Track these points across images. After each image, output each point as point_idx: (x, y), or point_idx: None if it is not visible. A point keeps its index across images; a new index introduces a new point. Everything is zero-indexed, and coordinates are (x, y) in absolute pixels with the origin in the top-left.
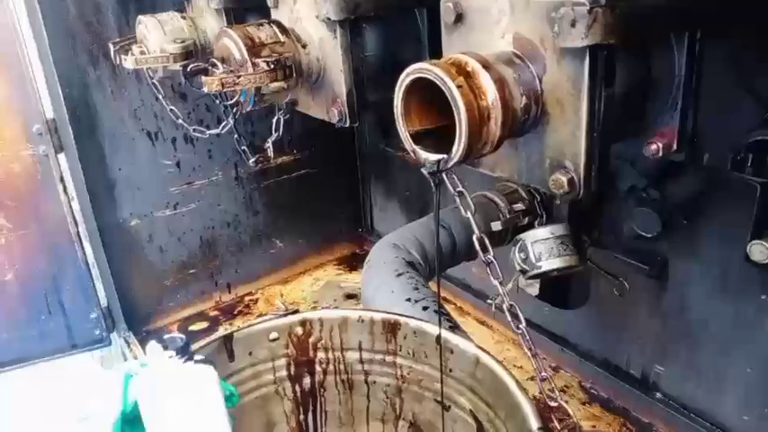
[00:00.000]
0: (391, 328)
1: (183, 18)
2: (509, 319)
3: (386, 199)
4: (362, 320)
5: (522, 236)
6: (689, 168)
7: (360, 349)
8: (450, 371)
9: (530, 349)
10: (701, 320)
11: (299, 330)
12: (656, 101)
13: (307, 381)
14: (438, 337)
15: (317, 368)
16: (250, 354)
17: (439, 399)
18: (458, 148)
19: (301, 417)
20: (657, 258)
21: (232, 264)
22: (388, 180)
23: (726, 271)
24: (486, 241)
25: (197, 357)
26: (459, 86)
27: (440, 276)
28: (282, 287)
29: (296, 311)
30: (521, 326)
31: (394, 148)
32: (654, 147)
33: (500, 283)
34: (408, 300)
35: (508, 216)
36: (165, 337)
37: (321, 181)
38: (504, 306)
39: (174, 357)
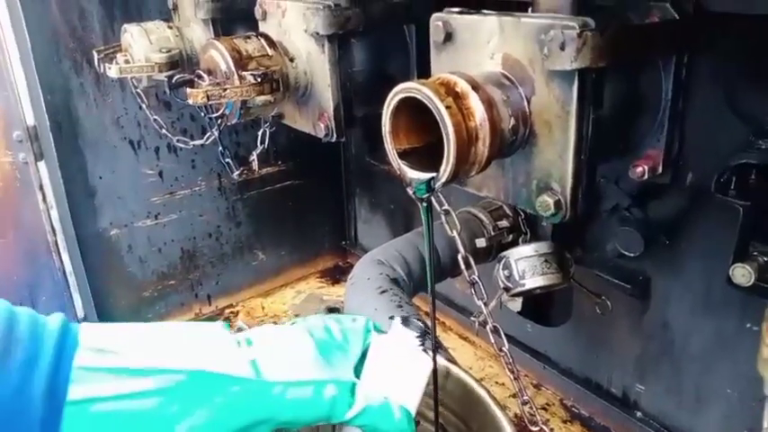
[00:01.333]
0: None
1: (170, 28)
2: (492, 340)
3: (370, 212)
4: None
5: (506, 253)
6: (673, 189)
7: None
8: None
9: (512, 371)
10: (683, 340)
11: None
12: (643, 124)
13: None
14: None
15: None
16: None
17: None
18: (446, 169)
19: None
20: (640, 278)
21: (213, 275)
22: (372, 193)
23: (708, 292)
24: (471, 261)
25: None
26: (447, 107)
27: (434, 309)
28: (264, 299)
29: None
30: (504, 348)
31: (379, 162)
32: (640, 169)
33: (484, 304)
34: (392, 318)
35: (493, 233)
36: (411, 317)
37: (305, 193)
38: (488, 327)
39: (416, 338)
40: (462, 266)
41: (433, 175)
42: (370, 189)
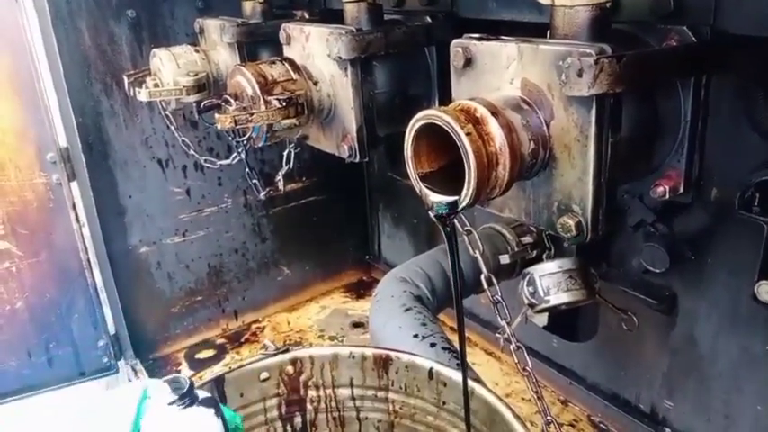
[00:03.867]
0: (383, 363)
1: (197, 51)
2: (516, 360)
3: (393, 226)
4: (353, 356)
5: (530, 269)
6: (697, 205)
7: (351, 386)
8: (444, 404)
9: (535, 392)
10: (711, 356)
11: (290, 369)
12: (663, 145)
13: (298, 420)
14: (430, 371)
15: (309, 406)
16: (241, 395)
17: None
18: (467, 193)
19: None
20: (666, 293)
21: (239, 291)
22: (395, 208)
23: (734, 308)
24: (494, 280)
25: (201, 395)
26: (468, 134)
27: (462, 335)
28: (289, 314)
29: (286, 350)
30: (527, 367)
31: (402, 177)
32: (660, 189)
33: (507, 324)
34: (416, 336)
35: (516, 249)
36: (170, 377)
37: (329, 208)
38: (512, 347)
39: (177, 402)
40: (485, 286)
41: (455, 198)
42: (393, 204)
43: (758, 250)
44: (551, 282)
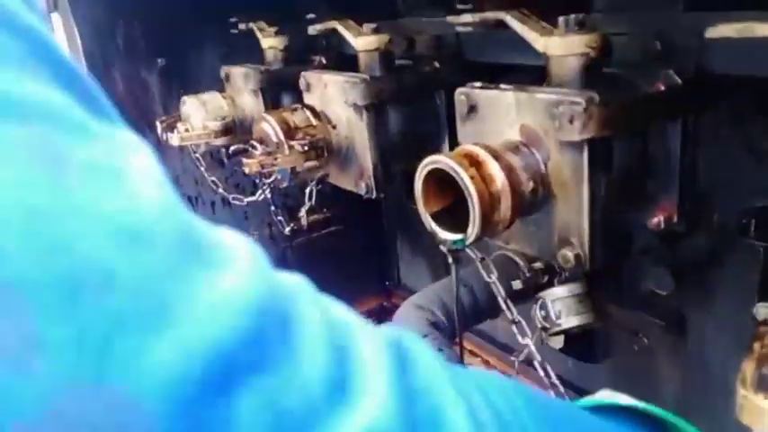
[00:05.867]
0: None
1: (224, 97)
2: (542, 374)
3: (411, 253)
4: None
5: (542, 294)
6: (699, 231)
7: None
8: None
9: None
10: (722, 377)
11: None
12: (655, 179)
13: None
14: None
15: None
16: None
17: None
18: (472, 230)
19: None
20: (675, 314)
21: None
22: (413, 235)
23: (740, 330)
24: (510, 304)
25: None
26: (471, 177)
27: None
28: None
29: None
30: (552, 380)
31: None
32: (655, 220)
33: (530, 340)
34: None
35: (528, 275)
36: None
37: (349, 237)
38: (536, 362)
39: None
40: (504, 308)
41: (462, 236)
42: (410, 231)
43: (757, 273)
44: (562, 306)
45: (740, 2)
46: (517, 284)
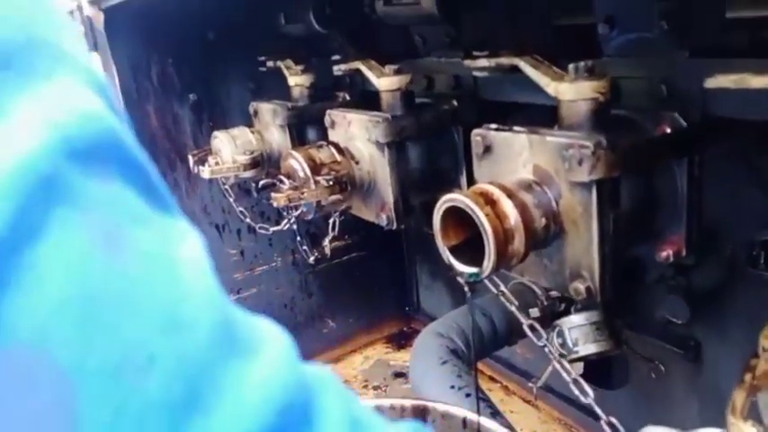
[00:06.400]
0: (420, 413)
1: (252, 132)
2: (577, 392)
3: (431, 278)
4: (394, 408)
5: (558, 322)
6: (711, 261)
7: None
8: None
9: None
10: None
11: None
12: (662, 214)
13: None
14: (464, 420)
15: None
16: None
17: None
18: (488, 264)
19: None
20: (691, 342)
21: None
22: (432, 261)
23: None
24: (537, 325)
25: None
26: (486, 215)
27: (477, 381)
28: (335, 365)
29: None
30: (588, 398)
31: None
32: (664, 254)
33: (562, 358)
34: (452, 387)
35: (545, 303)
36: None
37: (370, 263)
38: (571, 378)
39: None
40: (530, 334)
41: (477, 270)
42: (429, 257)
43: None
44: (579, 334)
45: (741, 50)
46: (534, 312)
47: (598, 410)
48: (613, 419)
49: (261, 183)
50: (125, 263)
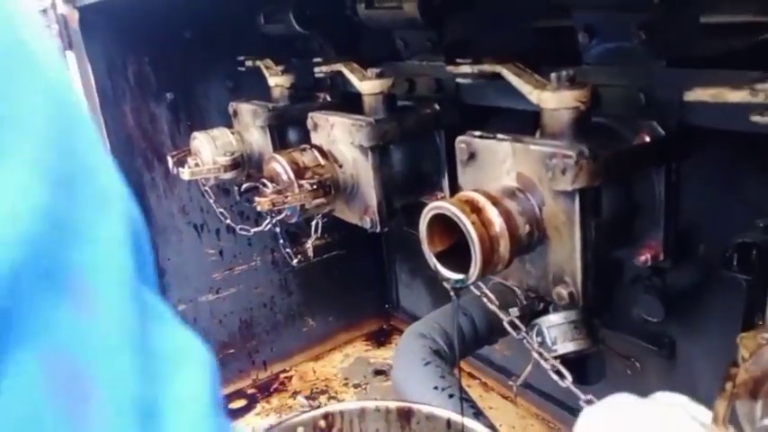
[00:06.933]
0: (406, 415)
1: (232, 133)
2: (555, 377)
3: (410, 276)
4: (379, 410)
5: (537, 321)
6: (686, 263)
7: None
8: None
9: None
10: (709, 398)
11: (323, 423)
12: (641, 220)
13: None
14: (448, 421)
15: None
16: None
17: None
18: (474, 271)
19: None
20: (665, 340)
21: (268, 342)
22: (411, 259)
23: (727, 355)
24: (517, 322)
25: None
26: (473, 222)
27: (461, 385)
28: (314, 364)
29: (318, 407)
30: (566, 381)
31: (416, 230)
32: (643, 258)
33: (541, 352)
34: (435, 388)
35: (525, 302)
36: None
37: (349, 261)
38: (549, 364)
39: None
40: (510, 329)
41: (464, 276)
42: (409, 255)
43: (740, 303)
44: (558, 332)
45: (717, 60)
46: (514, 312)
47: (577, 392)
48: (592, 397)
49: (243, 186)
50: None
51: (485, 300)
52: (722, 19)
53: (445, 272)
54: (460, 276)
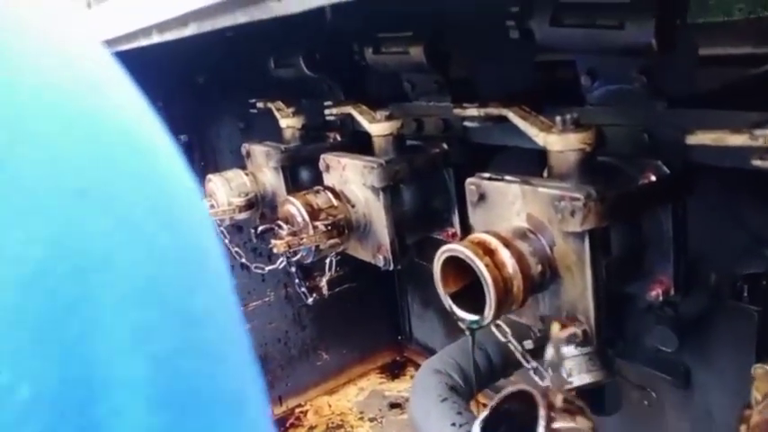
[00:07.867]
0: None
1: (246, 174)
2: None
3: (423, 308)
4: None
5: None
6: (698, 293)
7: None
8: None
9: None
10: (726, 427)
11: None
12: (650, 256)
13: None
14: None
15: None
16: None
17: None
18: (489, 312)
19: None
20: (681, 369)
21: (283, 377)
22: (423, 290)
23: (742, 384)
24: (528, 356)
25: None
26: (486, 265)
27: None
28: (329, 398)
29: None
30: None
31: (428, 261)
32: (654, 293)
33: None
34: (453, 424)
35: (539, 335)
36: None
37: (362, 294)
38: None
39: None
40: (522, 361)
41: (479, 317)
42: (421, 287)
43: (753, 334)
44: (573, 364)
45: (718, 95)
46: (529, 344)
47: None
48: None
49: (259, 228)
50: None
51: (497, 333)
52: (721, 51)
53: (461, 313)
54: (476, 318)
